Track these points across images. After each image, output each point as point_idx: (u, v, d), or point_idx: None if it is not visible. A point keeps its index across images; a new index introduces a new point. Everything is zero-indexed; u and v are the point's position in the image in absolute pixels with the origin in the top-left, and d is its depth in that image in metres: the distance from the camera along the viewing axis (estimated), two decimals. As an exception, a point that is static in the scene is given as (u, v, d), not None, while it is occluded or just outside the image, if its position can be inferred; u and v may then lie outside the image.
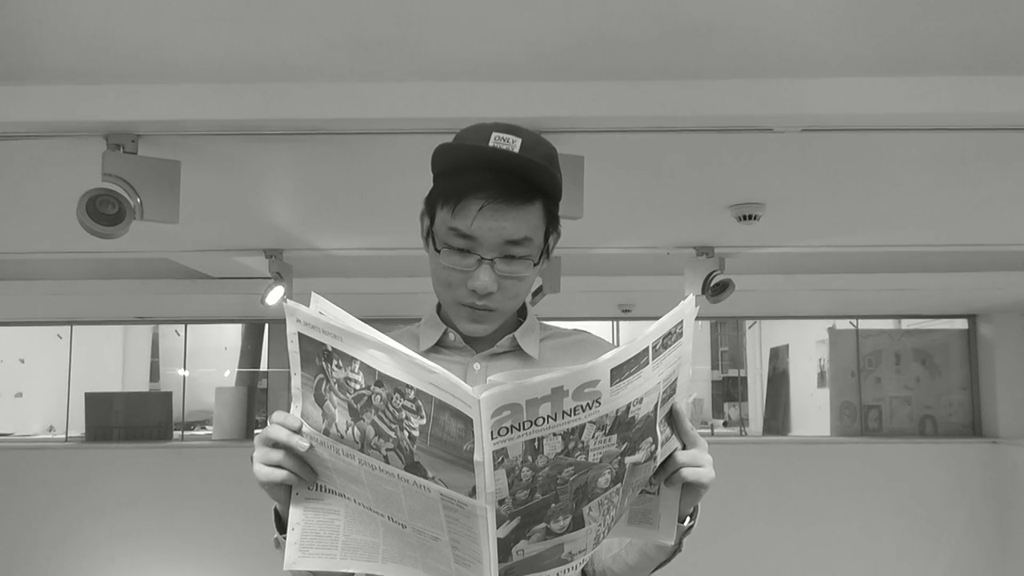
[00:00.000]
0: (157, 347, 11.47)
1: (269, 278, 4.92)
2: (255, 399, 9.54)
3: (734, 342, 12.92)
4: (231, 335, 10.74)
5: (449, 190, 1.08)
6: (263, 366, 10.13)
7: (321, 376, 0.96)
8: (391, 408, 0.90)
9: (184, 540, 7.87)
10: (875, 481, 7.91)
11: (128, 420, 8.69)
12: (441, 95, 2.57)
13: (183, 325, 9.00)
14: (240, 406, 9.01)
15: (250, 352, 10.15)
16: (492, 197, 1.06)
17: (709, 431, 10.10)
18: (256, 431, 9.23)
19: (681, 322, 0.95)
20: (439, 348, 1.19)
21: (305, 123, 2.67)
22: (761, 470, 7.96)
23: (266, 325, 10.09)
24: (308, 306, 0.97)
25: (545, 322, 1.28)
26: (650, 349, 0.90)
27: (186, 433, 9.19)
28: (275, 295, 4.89)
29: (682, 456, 1.02)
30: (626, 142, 2.97)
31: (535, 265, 1.13)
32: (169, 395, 8.96)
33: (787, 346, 10.59)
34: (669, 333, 0.93)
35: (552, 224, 1.16)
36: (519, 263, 1.10)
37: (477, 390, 0.84)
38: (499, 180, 1.06)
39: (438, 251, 1.10)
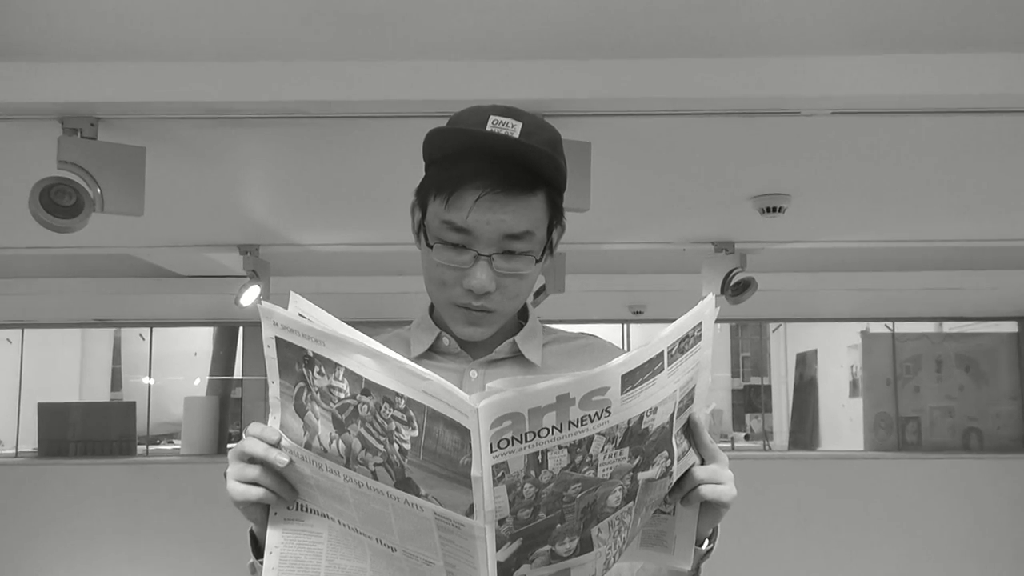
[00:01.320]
0: (119, 353, 11.48)
1: (244, 277, 4.92)
2: (228, 410, 9.54)
3: (757, 347, 12.93)
4: (201, 340, 10.74)
5: (442, 180, 1.08)
6: (237, 374, 10.13)
7: (302, 384, 0.96)
8: (379, 419, 0.90)
9: (149, 567, 7.87)
10: (914, 501, 7.91)
11: (86, 433, 8.69)
12: (433, 75, 2.57)
13: (148, 328, 9.00)
14: (211, 418, 9.01)
15: (222, 358, 10.15)
16: (490, 187, 1.06)
17: (729, 445, 10.10)
18: (229, 445, 9.27)
19: (700, 324, 0.95)
20: (432, 354, 1.19)
21: (284, 105, 2.67)
22: (787, 488, 7.97)
23: (240, 329, 10.09)
24: (287, 307, 0.97)
25: (548, 325, 1.28)
26: (665, 353, 0.90)
27: (151, 448, 9.18)
28: (250, 295, 4.89)
29: (700, 472, 1.02)
30: (638, 127, 2.97)
31: (537, 262, 1.13)
32: (132, 406, 8.96)
33: (815, 351, 10.59)
34: (686, 336, 0.93)
35: (556, 217, 1.16)
36: (520, 259, 1.10)
37: (475, 398, 0.84)
38: (497, 168, 1.06)
39: (430, 247, 1.10)
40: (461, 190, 1.07)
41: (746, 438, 11.48)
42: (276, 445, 0.99)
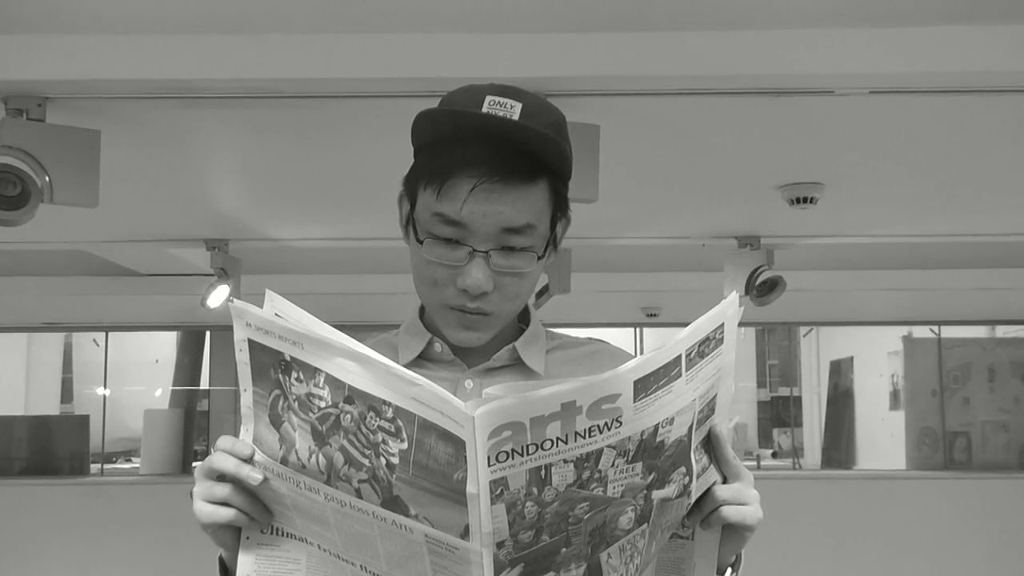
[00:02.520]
0: (70, 360, 11.48)
1: (211, 275, 4.92)
2: (193, 424, 9.54)
3: (785, 354, 12.94)
4: (163, 346, 10.75)
5: (433, 167, 1.09)
6: (203, 383, 10.13)
7: (277, 392, 0.96)
8: (364, 430, 0.91)
9: (105, 600, 7.87)
10: (963, 525, 7.91)
11: (34, 451, 8.68)
12: (423, 49, 2.58)
13: (103, 333, 9.00)
14: (175, 433, 9.01)
15: (187, 366, 10.15)
16: (486, 175, 1.06)
17: (755, 463, 10.10)
18: (195, 463, 9.28)
19: (721, 326, 0.95)
20: (423, 361, 1.19)
21: (255, 84, 2.68)
22: (819, 511, 7.97)
23: (207, 333, 10.09)
24: (261, 307, 0.97)
25: (552, 330, 1.28)
26: (683, 358, 0.91)
27: (107, 467, 9.18)
28: (219, 296, 4.89)
29: (722, 492, 1.02)
30: (652, 107, 2.98)
31: (539, 259, 1.13)
32: (86, 419, 8.96)
33: (851, 359, 10.60)
34: (706, 339, 0.93)
35: (560, 208, 1.16)
36: (520, 256, 1.11)
37: (470, 406, 0.84)
38: (495, 154, 1.06)
39: (420, 242, 1.10)
40: (454, 179, 1.07)
41: (773, 455, 11.48)
42: (249, 460, 0.99)
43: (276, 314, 0.97)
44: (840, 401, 10.59)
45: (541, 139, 1.07)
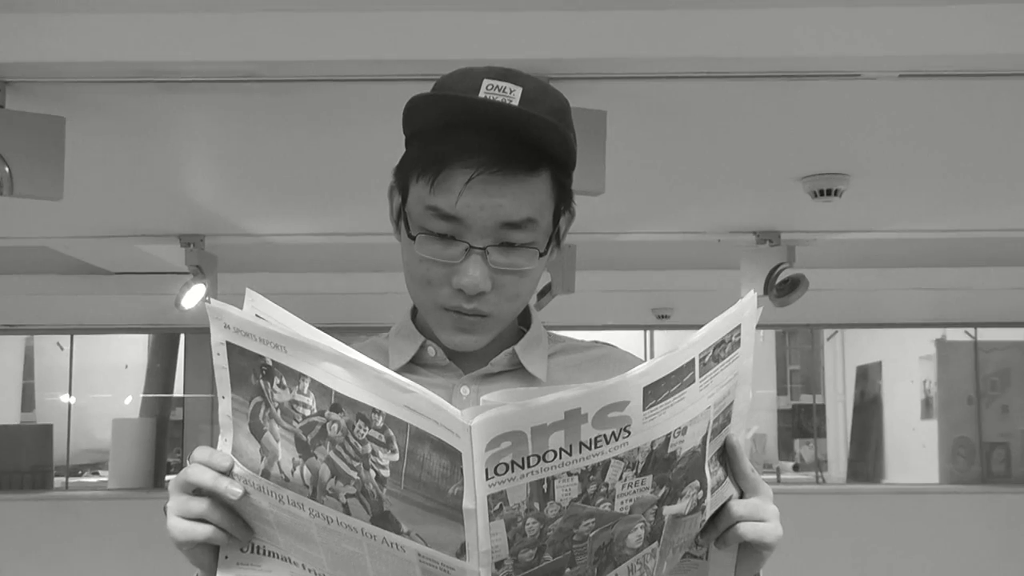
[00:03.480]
0: (32, 365, 11.46)
1: (186, 274, 4.93)
2: (166, 435, 9.54)
3: (808, 359, 12.94)
4: (134, 350, 10.74)
5: (426, 157, 1.09)
6: (177, 391, 10.13)
7: (259, 399, 0.97)
8: (352, 440, 0.91)
9: (71, 625, 7.88)
10: (1001, 544, 7.92)
11: (-7, 463, 8.69)
12: (416, 29, 2.58)
13: (68, 336, 9.00)
14: (146, 444, 9.02)
15: (159, 372, 10.15)
16: (484, 165, 1.06)
17: (774, 476, 10.11)
18: (169, 476, 9.27)
19: (738, 327, 0.96)
20: (415, 367, 1.20)
21: (233, 67, 2.68)
22: (844, 528, 7.98)
23: (181, 336, 10.09)
24: (240, 307, 0.98)
25: (555, 332, 1.28)
26: (696, 362, 0.91)
27: (72, 480, 9.17)
28: (193, 296, 4.90)
29: (739, 507, 1.02)
30: (663, 92, 2.98)
31: (541, 255, 1.13)
32: (49, 429, 8.96)
33: (879, 364, 10.60)
34: (722, 342, 0.93)
35: (564, 201, 1.16)
36: (520, 253, 1.11)
37: (467, 414, 0.85)
38: (493, 143, 1.06)
39: (412, 238, 1.11)
40: (449, 169, 1.07)
41: (795, 468, 11.48)
42: (227, 473, 0.99)
43: (257, 315, 0.98)
44: (867, 410, 10.59)
45: (543, 126, 1.08)
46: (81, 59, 2.62)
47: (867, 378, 10.74)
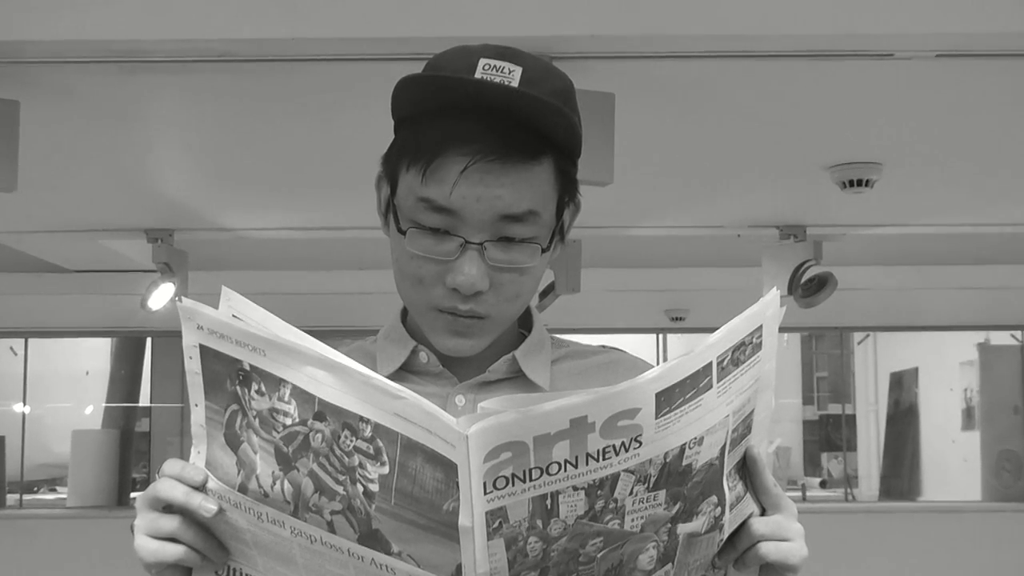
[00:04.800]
0: (-17, 373, 11.47)
1: (153, 271, 4.93)
2: (131, 448, 9.53)
3: (836, 365, 12.95)
4: (95, 355, 10.73)
5: (418, 144, 1.09)
6: (143, 400, 10.12)
7: (235, 407, 0.97)
8: (338, 451, 0.91)
9: (26, 658, 7.87)
10: (1046, 569, 7.92)
11: (-60, 479, 8.68)
12: (406, 4, 2.58)
13: (22, 340, 8.99)
14: (109, 457, 9.00)
15: (124, 380, 10.14)
16: (481, 152, 1.06)
17: (799, 493, 10.11)
18: (135, 493, 9.24)
19: (760, 328, 0.96)
20: (405, 374, 1.20)
21: (206, 46, 2.68)
22: (876, 549, 7.98)
23: (148, 340, 10.08)
24: (215, 307, 0.98)
25: (559, 336, 1.29)
26: (714, 366, 0.91)
27: (27, 497, 9.16)
28: (161, 296, 4.90)
29: (760, 526, 1.03)
30: (677, 73, 2.98)
31: (544, 251, 1.13)
32: (1, 442, 8.95)
33: (915, 370, 10.61)
34: (742, 344, 0.94)
35: (568, 192, 1.16)
36: (520, 249, 1.11)
37: (463, 422, 0.85)
38: (490, 128, 1.06)
39: (403, 232, 1.11)
40: (443, 157, 1.07)
41: (822, 484, 11.48)
42: (201, 488, 1.00)
43: (234, 315, 0.98)
44: (902, 420, 10.59)
45: (545, 109, 1.08)
46: (37, 37, 2.62)
47: (902, 386, 10.73)
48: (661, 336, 9.03)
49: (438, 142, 1.08)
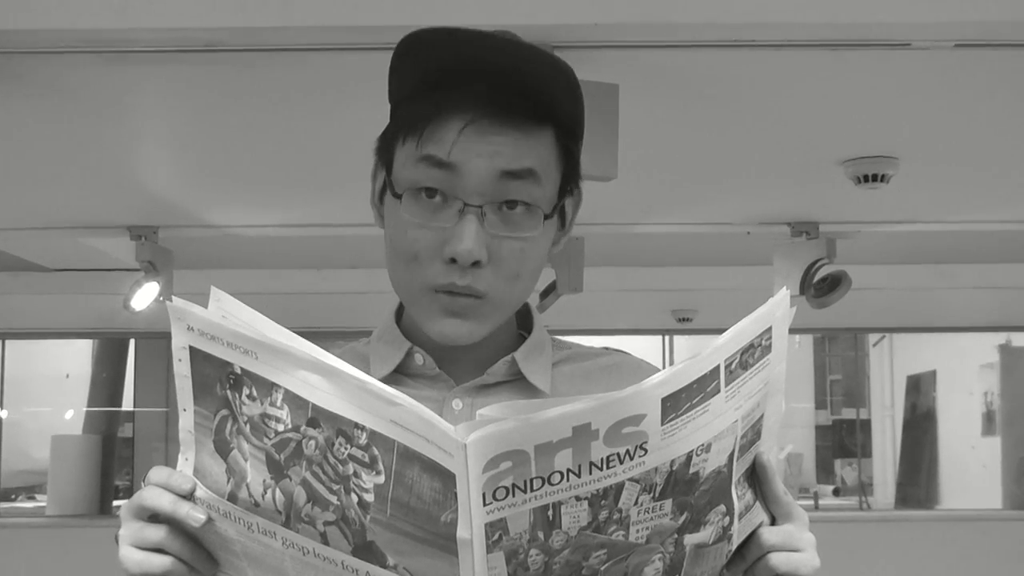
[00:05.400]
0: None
1: (137, 270, 4.92)
2: (114, 454, 9.53)
3: (850, 368, 12.94)
4: (76, 358, 10.72)
5: (416, 113, 1.10)
6: (126, 404, 10.11)
7: (225, 412, 0.97)
8: (332, 459, 0.91)
9: (4, 674, 7.87)
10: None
11: (-87, 486, 8.69)
12: (400, -10, 2.58)
13: None
14: (90, 464, 9.00)
15: (106, 383, 10.13)
16: (480, 110, 1.08)
17: (812, 502, 10.11)
18: (118, 501, 9.22)
19: (769, 329, 0.96)
20: (400, 376, 1.20)
21: (190, 35, 2.68)
22: (892, 560, 7.97)
23: (131, 343, 10.07)
24: (206, 307, 0.98)
25: (560, 338, 1.29)
26: (722, 369, 0.91)
27: (4, 505, 9.16)
28: (145, 295, 4.89)
29: (770, 535, 1.03)
30: (684, 63, 2.98)
31: (547, 218, 1.14)
32: (-22, 448, 8.96)
33: (933, 373, 10.60)
34: (751, 346, 0.94)
35: (570, 175, 1.17)
36: (523, 215, 1.12)
37: (462, 430, 0.85)
38: (492, 91, 1.08)
39: (398, 197, 1.11)
40: (441, 118, 1.09)
41: (835, 493, 11.48)
42: (189, 497, 1.00)
43: (224, 316, 0.98)
44: (919, 425, 10.59)
45: (550, 69, 1.09)
46: (13, 26, 2.61)
47: (919, 389, 10.73)
48: (667, 338, 9.02)
49: (437, 106, 1.09)
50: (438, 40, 1.11)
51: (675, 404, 0.88)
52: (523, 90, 1.08)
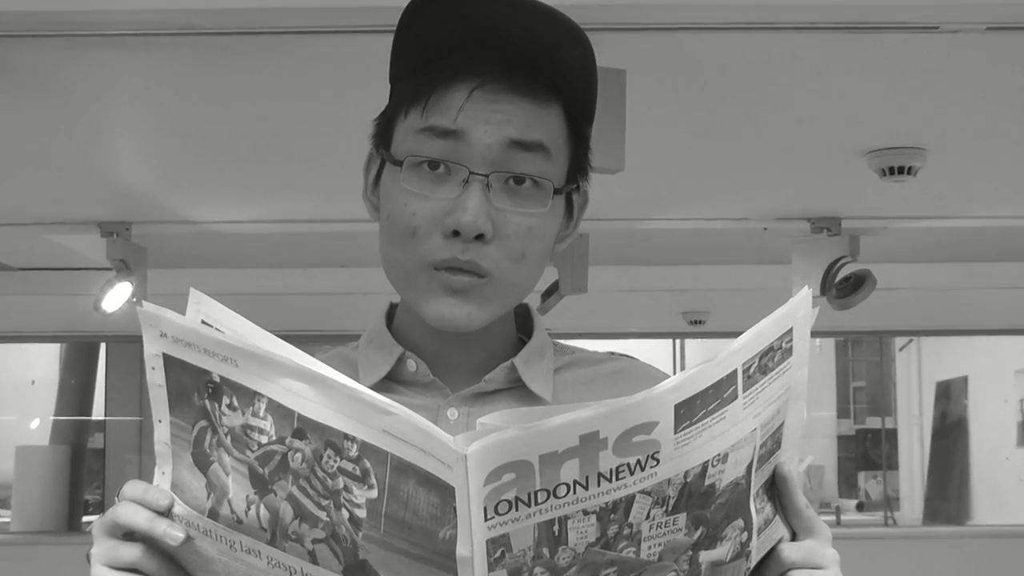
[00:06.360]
0: (-85, 383, 11.47)
1: (108, 269, 4.92)
2: (83, 466, 9.53)
3: (875, 374, 12.96)
4: (42, 363, 10.73)
5: (419, 84, 1.11)
6: (97, 413, 10.11)
7: (204, 423, 0.97)
8: (320, 473, 0.91)
9: None
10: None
11: None
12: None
13: (-38, 347, 9.01)
14: (58, 477, 9.00)
15: (75, 390, 10.13)
16: (488, 75, 1.09)
17: (834, 517, 10.11)
18: (89, 518, 9.22)
19: (790, 331, 0.96)
20: (391, 384, 1.20)
21: (167, 17, 2.68)
22: (921, 582, 7.98)
23: (101, 347, 10.07)
24: (180, 311, 0.98)
25: (563, 342, 1.29)
26: (739, 373, 0.91)
27: (-34, 523, 9.16)
28: (117, 296, 4.89)
29: (791, 552, 1.03)
30: (696, 47, 2.98)
31: (556, 193, 1.14)
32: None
33: (964, 379, 10.62)
34: (770, 349, 0.94)
35: (579, 157, 1.18)
36: (531, 190, 1.12)
37: (461, 440, 0.85)
38: (502, 59, 1.09)
39: (399, 164, 1.12)
40: (447, 86, 1.10)
41: (859, 508, 11.50)
42: (166, 513, 1.00)
43: (203, 321, 0.98)
44: (949, 435, 10.60)
45: (565, 39, 1.11)
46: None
47: (949, 396, 10.74)
48: (678, 342, 9.06)
49: (442, 74, 1.10)
50: (444, 6, 1.12)
51: (689, 411, 0.88)
52: (536, 55, 1.10)
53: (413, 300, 1.16)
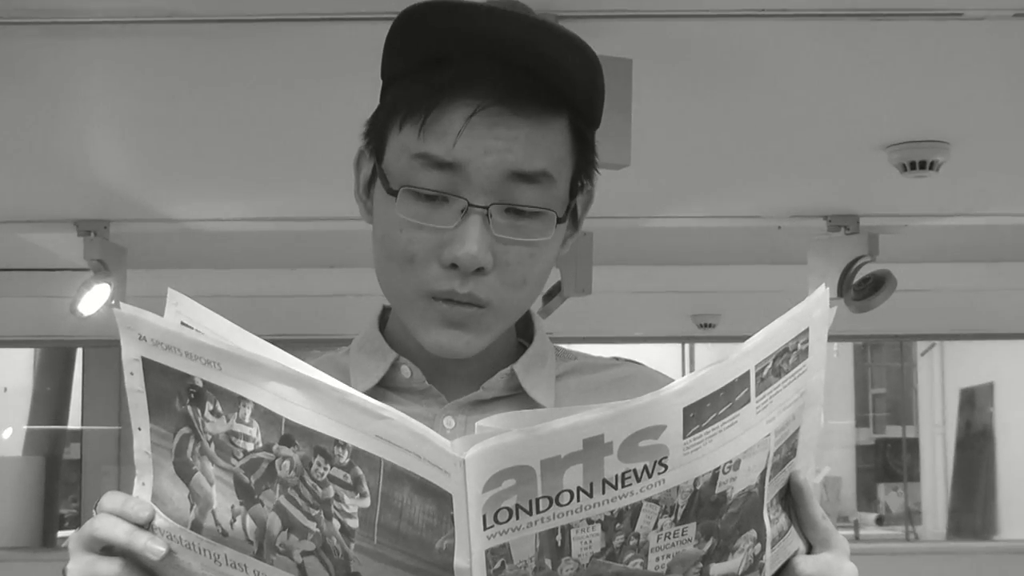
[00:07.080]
0: None
1: (85, 270, 4.92)
2: (58, 479, 9.52)
3: (896, 380, 12.96)
4: (15, 369, 10.72)
5: (415, 94, 1.11)
6: (73, 422, 10.11)
7: (186, 431, 0.97)
8: (310, 481, 0.92)
9: None
10: None
11: None
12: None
13: (-70, 353, 9.01)
14: (32, 489, 9.00)
15: (49, 398, 10.13)
16: (490, 97, 1.08)
17: (852, 531, 10.11)
18: (63, 532, 9.22)
19: (806, 332, 0.96)
20: (384, 391, 1.20)
21: (148, 5, 2.68)
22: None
23: (78, 352, 10.08)
24: (159, 313, 0.98)
25: (565, 347, 1.30)
26: (752, 375, 0.91)
27: (-64, 540, 9.15)
28: (95, 298, 4.89)
29: (807, 565, 1.03)
30: (706, 37, 2.98)
31: (559, 222, 1.14)
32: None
33: (990, 386, 10.61)
34: (785, 350, 0.94)
35: (584, 166, 1.18)
36: (531, 219, 1.12)
37: (459, 444, 0.85)
38: (503, 70, 1.08)
39: (393, 193, 1.11)
40: (444, 105, 1.09)
41: (879, 521, 11.51)
42: (146, 526, 1.00)
43: (183, 323, 0.99)
44: (974, 445, 10.60)
45: (568, 50, 1.09)
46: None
47: (974, 404, 10.74)
48: (687, 346, 9.04)
49: (439, 88, 1.09)
50: (440, 13, 1.10)
51: (699, 415, 0.88)
52: (536, 69, 1.09)
53: (411, 325, 1.17)
